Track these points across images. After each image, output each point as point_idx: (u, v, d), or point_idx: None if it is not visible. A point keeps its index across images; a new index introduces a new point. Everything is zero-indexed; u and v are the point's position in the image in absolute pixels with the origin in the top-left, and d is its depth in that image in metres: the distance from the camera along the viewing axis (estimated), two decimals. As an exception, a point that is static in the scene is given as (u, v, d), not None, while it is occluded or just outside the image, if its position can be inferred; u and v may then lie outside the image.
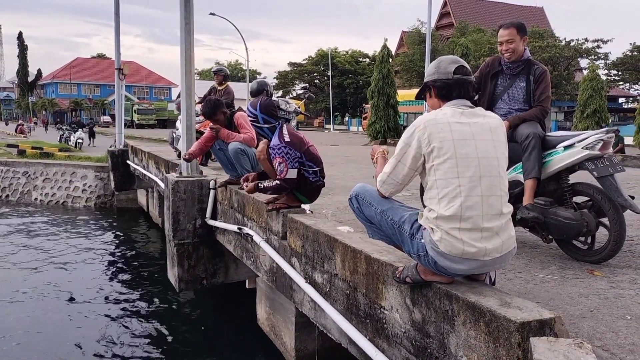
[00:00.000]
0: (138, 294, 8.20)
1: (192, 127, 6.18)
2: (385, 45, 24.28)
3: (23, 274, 8.99)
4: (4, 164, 16.75)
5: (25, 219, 13.72)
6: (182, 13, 5.97)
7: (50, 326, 6.78)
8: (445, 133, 2.21)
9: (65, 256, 10.14)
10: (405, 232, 2.37)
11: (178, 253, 5.86)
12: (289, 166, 3.85)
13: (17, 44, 71.46)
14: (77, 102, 64.94)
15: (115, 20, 14.75)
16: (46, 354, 6.00)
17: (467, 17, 49.93)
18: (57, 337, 6.45)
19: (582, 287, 2.94)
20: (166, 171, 8.83)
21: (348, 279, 3.13)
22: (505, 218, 2.22)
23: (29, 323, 6.86)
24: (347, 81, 59.17)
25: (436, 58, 2.57)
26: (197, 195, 5.86)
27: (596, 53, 35.58)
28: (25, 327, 6.73)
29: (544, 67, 3.85)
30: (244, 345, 6.14)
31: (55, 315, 7.14)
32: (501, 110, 3.90)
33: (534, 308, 2.04)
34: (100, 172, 15.59)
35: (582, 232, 3.37)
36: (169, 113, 52.16)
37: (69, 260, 9.90)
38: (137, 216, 14.04)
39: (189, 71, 6.08)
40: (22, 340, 6.33)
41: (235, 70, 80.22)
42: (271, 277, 4.46)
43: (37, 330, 6.64)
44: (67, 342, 6.31)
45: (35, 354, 6.00)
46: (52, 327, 6.74)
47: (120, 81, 15.02)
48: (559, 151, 3.50)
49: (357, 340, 2.92)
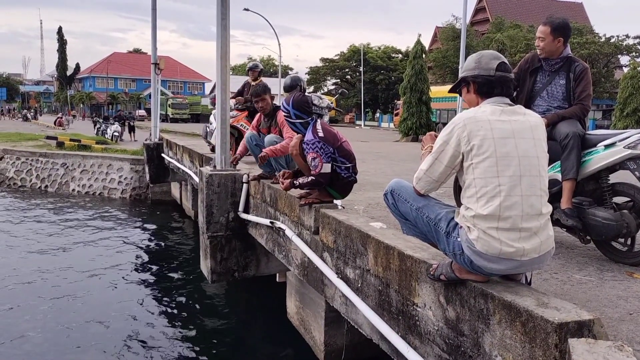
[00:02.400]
0: (171, 284, 8.36)
1: (226, 122, 6.26)
2: (419, 40, 24.06)
3: (59, 261, 9.28)
4: (44, 155, 17.27)
5: (62, 209, 14.13)
6: (218, 8, 6.04)
7: (85, 314, 6.97)
8: (485, 131, 2.18)
9: (101, 247, 10.42)
10: (441, 230, 2.36)
11: (211, 245, 5.95)
12: (323, 161, 3.87)
13: (57, 38, 73.44)
14: (113, 95, 66.38)
15: (152, 16, 14.99)
16: (81, 339, 6.19)
17: (503, 13, 48.99)
18: (90, 324, 6.63)
19: (621, 289, 2.87)
20: (200, 165, 8.96)
21: (380, 275, 3.13)
22: (545, 218, 2.19)
23: (61, 310, 7.08)
24: (379, 77, 58.79)
25: (470, 54, 2.53)
26: (230, 189, 5.94)
27: (637, 50, 34.43)
28: (57, 313, 6.95)
29: (585, 65, 3.76)
30: (273, 338, 6.20)
31: (89, 303, 7.35)
32: (540, 107, 3.82)
33: (572, 309, 2.01)
34: (135, 165, 15.92)
35: (622, 233, 3.29)
36: (202, 107, 52.82)
37: (104, 250, 10.16)
38: (170, 209, 14.31)
39: (225, 66, 6.15)
40: (59, 322, 6.54)
41: (268, 65, 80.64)
42: (302, 272, 4.50)
43: (71, 317, 6.85)
44: (100, 328, 6.49)
45: (71, 338, 6.19)
46: (87, 315, 6.93)
47: (156, 76, 15.26)
48: (600, 150, 3.41)
49: (388, 336, 2.92)
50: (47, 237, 11.00)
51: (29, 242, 10.54)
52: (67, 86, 72.91)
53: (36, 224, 12.20)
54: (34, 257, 9.55)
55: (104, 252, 9.99)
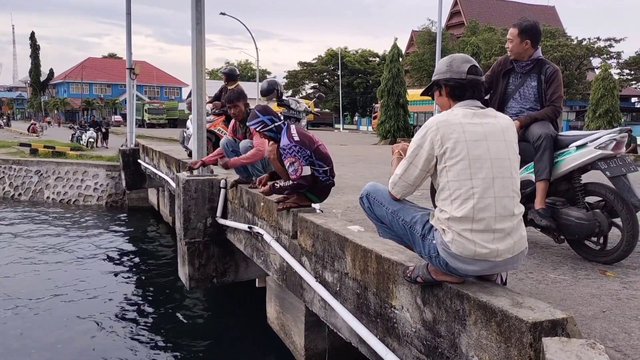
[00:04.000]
0: (148, 292, 8.25)
1: (203, 126, 6.21)
2: (396, 44, 24.22)
3: (33, 271, 9.08)
4: (17, 162, 16.91)
5: (37, 217, 13.85)
6: (193, 13, 6.01)
7: (58, 324, 6.83)
8: (458, 134, 2.20)
9: (76, 254, 10.23)
10: (416, 233, 2.37)
11: (189, 252, 5.89)
12: (302, 164, 3.87)
13: (30, 44, 72.14)
14: (88, 101, 65.43)
15: (127, 20, 14.84)
16: (53, 353, 6.06)
17: (477, 16, 49.63)
18: (66, 335, 6.50)
19: (594, 287, 2.92)
20: (177, 170, 8.88)
21: (358, 278, 3.13)
22: (517, 219, 2.22)
23: (36, 321, 6.93)
24: (357, 80, 59.11)
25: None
26: (207, 194, 5.89)
27: (608, 52, 35.21)
28: (34, 325, 6.79)
29: (555, 67, 3.82)
30: (253, 343, 6.16)
31: (65, 313, 7.19)
32: (513, 109, 3.88)
33: (546, 308, 2.03)
34: (111, 171, 15.69)
35: (595, 233, 3.35)
36: (180, 112, 52.41)
37: (80, 258, 9.98)
38: (147, 215, 14.13)
39: (200, 71, 6.11)
40: (29, 338, 6.39)
41: (246, 69, 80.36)
42: (281, 276, 4.48)
43: (44, 328, 6.70)
44: (76, 339, 6.36)
45: (42, 352, 6.06)
46: (61, 325, 6.79)
47: (131, 81, 15.09)
48: (571, 151, 3.47)
49: (367, 339, 2.92)
50: (19, 246, 10.75)
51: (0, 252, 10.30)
52: (41, 92, 71.65)
53: (8, 233, 11.92)
54: (4, 267, 9.33)
55: (79, 261, 9.81)
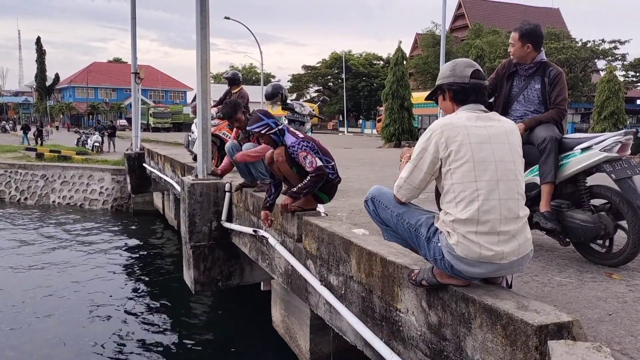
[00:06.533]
0: (154, 295, 8.27)
1: (207, 130, 6.24)
2: (400, 47, 24.24)
3: (39, 275, 9.12)
4: (23, 167, 17.01)
5: (42, 221, 13.91)
6: (198, 17, 6.04)
7: (66, 327, 6.86)
8: (462, 137, 2.21)
9: (82, 258, 10.27)
10: (421, 236, 2.37)
11: (194, 255, 5.90)
12: (314, 156, 3.96)
13: (35, 48, 72.45)
14: (94, 106, 65.67)
15: (132, 25, 14.93)
16: (60, 353, 6.08)
17: (481, 19, 49.59)
18: (71, 337, 6.52)
19: (600, 290, 2.91)
20: (182, 174, 8.90)
21: (363, 282, 3.13)
22: (522, 221, 2.22)
23: (44, 324, 6.95)
24: (361, 84, 59.07)
25: (450, 60, 2.57)
26: (212, 198, 5.90)
27: (613, 54, 35.08)
28: (41, 328, 6.82)
29: (558, 69, 3.82)
30: (258, 347, 6.16)
31: (70, 317, 7.23)
32: (517, 112, 3.87)
33: (552, 311, 2.03)
34: (117, 175, 15.76)
35: (600, 235, 3.33)
36: (184, 116, 52.52)
37: (86, 262, 10.02)
38: (153, 219, 14.17)
39: (205, 75, 6.14)
40: (35, 340, 6.41)
41: (250, 73, 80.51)
42: (286, 280, 4.48)
43: (51, 331, 6.73)
44: (82, 342, 6.39)
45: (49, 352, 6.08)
46: (66, 328, 6.82)
47: (136, 85, 15.17)
48: (576, 153, 3.46)
49: (372, 342, 2.92)
50: (26, 250, 10.81)
51: (7, 256, 10.35)
52: (47, 97, 71.95)
53: (15, 237, 11.99)
54: (12, 271, 9.37)
55: (85, 264, 9.84)
